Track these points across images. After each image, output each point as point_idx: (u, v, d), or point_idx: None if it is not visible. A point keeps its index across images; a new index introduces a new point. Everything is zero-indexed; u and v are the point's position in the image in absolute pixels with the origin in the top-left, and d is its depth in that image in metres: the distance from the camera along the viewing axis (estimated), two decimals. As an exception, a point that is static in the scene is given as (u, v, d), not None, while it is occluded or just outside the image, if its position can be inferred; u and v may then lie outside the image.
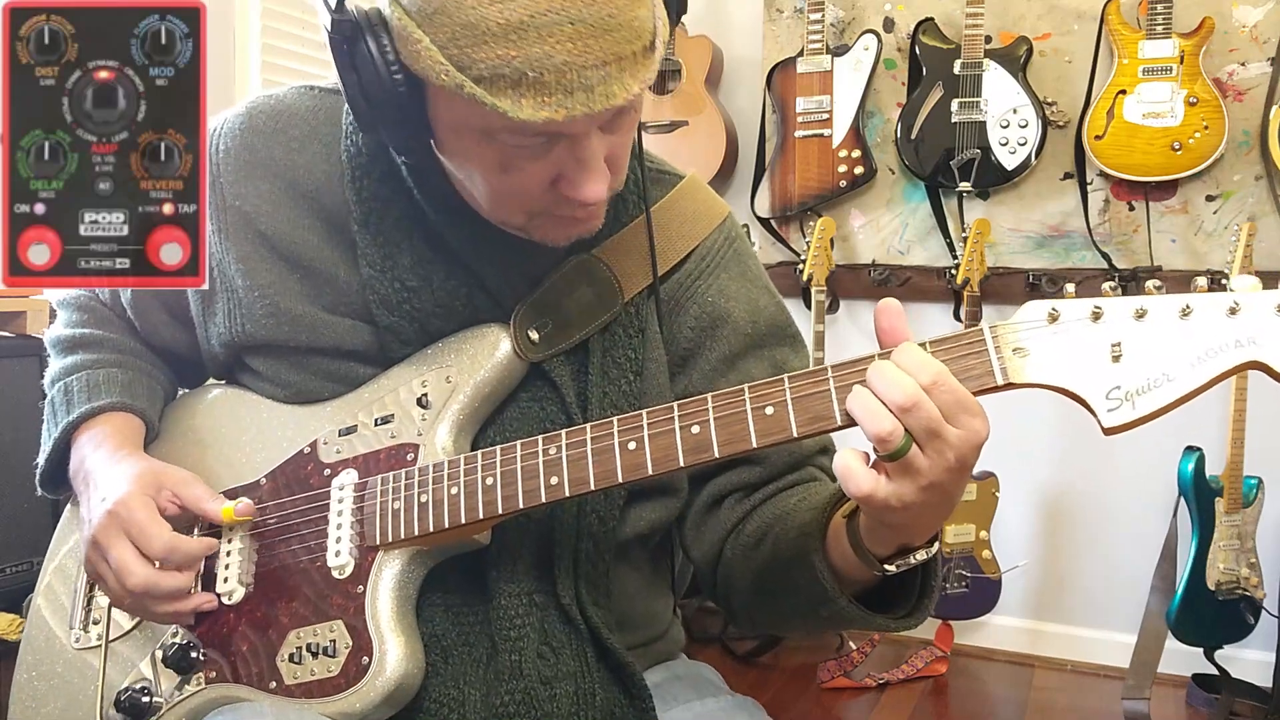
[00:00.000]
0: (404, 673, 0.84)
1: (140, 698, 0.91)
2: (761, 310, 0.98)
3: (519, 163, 0.79)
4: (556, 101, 0.72)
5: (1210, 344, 0.68)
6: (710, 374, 0.96)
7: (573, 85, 0.71)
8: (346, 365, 0.95)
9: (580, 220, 0.85)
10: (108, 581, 0.89)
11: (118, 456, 0.93)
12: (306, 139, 0.95)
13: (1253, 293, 0.68)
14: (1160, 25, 2.42)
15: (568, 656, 0.89)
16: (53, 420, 1.00)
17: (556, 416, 0.91)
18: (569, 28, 0.70)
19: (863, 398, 0.71)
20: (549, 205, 0.83)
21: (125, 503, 0.87)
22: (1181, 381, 0.68)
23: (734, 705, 0.99)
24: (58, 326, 1.07)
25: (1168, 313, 0.69)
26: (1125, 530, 2.64)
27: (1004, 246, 2.68)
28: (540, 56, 0.70)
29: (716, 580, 0.97)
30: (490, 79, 0.71)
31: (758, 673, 2.59)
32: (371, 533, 0.88)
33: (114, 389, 1.00)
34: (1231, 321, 0.68)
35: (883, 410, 0.69)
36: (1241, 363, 0.68)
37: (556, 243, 0.87)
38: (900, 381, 0.69)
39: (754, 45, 2.87)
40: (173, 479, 0.91)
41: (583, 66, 0.71)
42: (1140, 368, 0.69)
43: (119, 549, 0.87)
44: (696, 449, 0.78)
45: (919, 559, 0.78)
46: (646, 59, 0.75)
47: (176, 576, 0.88)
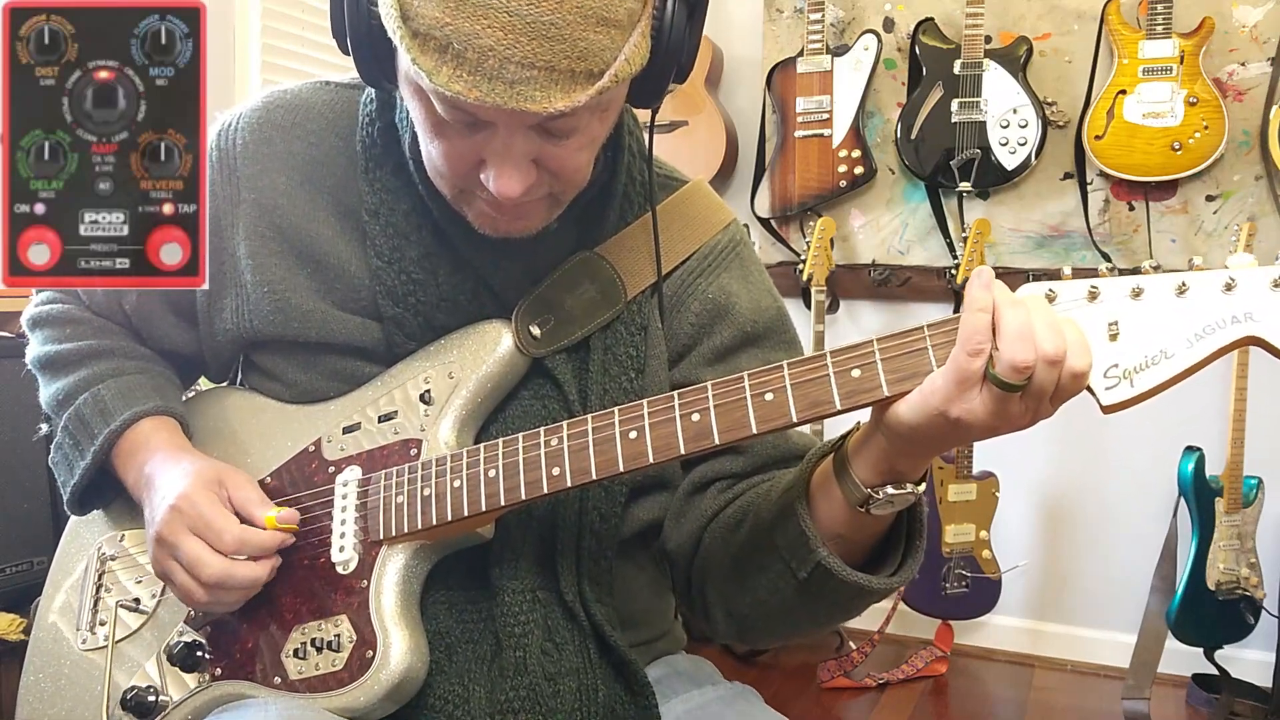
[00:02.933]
0: (408, 667, 0.84)
1: (147, 696, 0.92)
2: (764, 310, 0.99)
3: (447, 133, 0.79)
4: (472, 81, 0.72)
5: (1207, 320, 0.69)
6: (708, 360, 0.96)
7: (491, 72, 0.71)
8: (352, 364, 0.95)
9: (506, 213, 0.84)
10: (176, 577, 0.88)
11: (177, 457, 0.93)
12: (323, 133, 0.95)
13: (1249, 269, 0.68)
14: (1160, 25, 2.42)
15: (571, 653, 0.90)
16: (84, 432, 0.97)
17: (558, 413, 0.92)
18: (504, 17, 0.70)
19: (1020, 320, 0.69)
20: (472, 186, 0.83)
21: (188, 497, 0.87)
22: (1179, 358, 0.69)
23: (731, 693, 0.99)
24: (44, 345, 1.03)
25: (1164, 291, 0.70)
26: (1125, 530, 2.64)
27: (1004, 246, 2.68)
28: (469, 33, 0.70)
29: (692, 573, 0.97)
30: (424, 36, 0.72)
31: (758, 672, 2.59)
32: (375, 528, 0.89)
33: (149, 394, 0.98)
34: (1228, 298, 0.68)
35: (1032, 345, 0.68)
36: (1239, 338, 0.68)
37: (485, 231, 0.87)
38: (1055, 337, 0.69)
39: (754, 45, 2.87)
40: (231, 478, 0.91)
41: (506, 59, 0.71)
42: (1138, 346, 0.69)
43: (189, 544, 0.86)
44: (697, 436, 0.79)
45: (911, 489, 0.77)
46: (585, 83, 0.74)
47: (252, 566, 0.87)
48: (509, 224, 0.86)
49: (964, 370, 0.70)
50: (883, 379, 0.74)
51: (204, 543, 0.86)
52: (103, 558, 1.00)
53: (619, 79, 0.75)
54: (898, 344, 0.74)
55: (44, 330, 1.05)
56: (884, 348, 0.74)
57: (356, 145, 0.94)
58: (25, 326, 1.07)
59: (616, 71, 0.75)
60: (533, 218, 0.86)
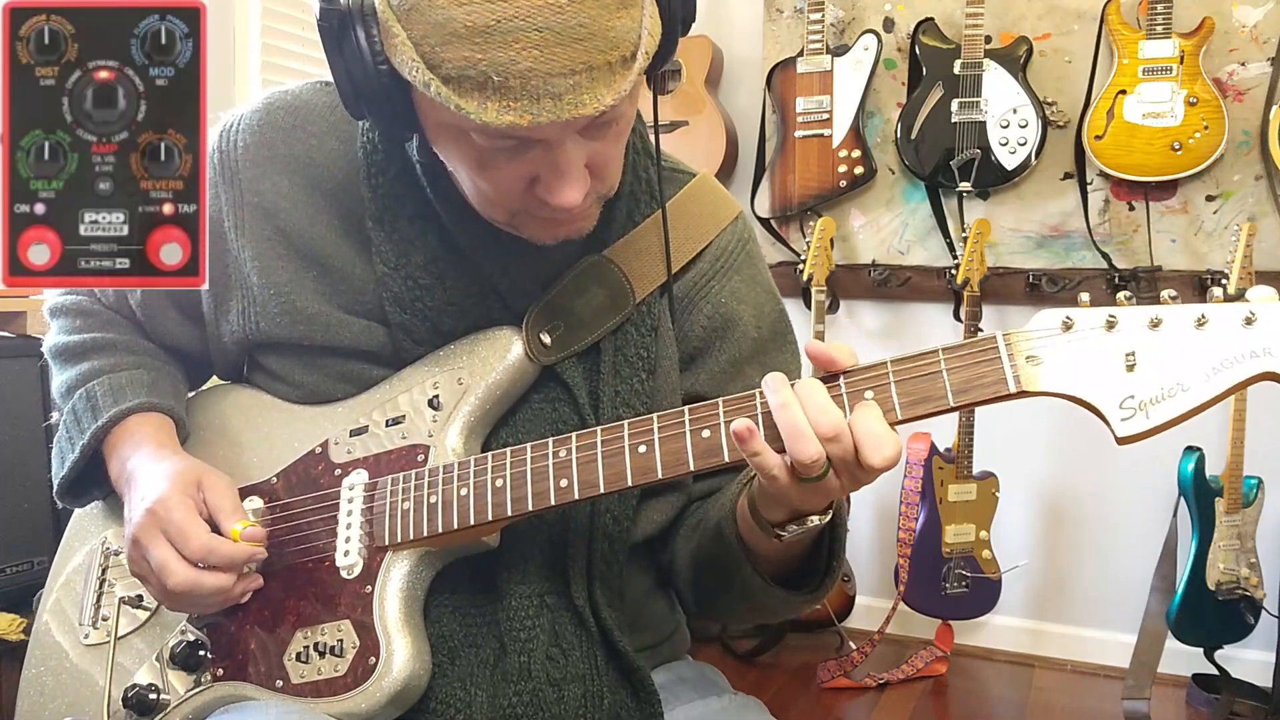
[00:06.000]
0: (410, 673, 0.84)
1: (147, 694, 0.92)
2: (765, 316, 1.00)
3: (496, 162, 0.79)
4: (522, 107, 0.71)
5: (1226, 354, 0.68)
6: (719, 375, 0.97)
7: (538, 92, 0.71)
8: (359, 366, 0.95)
9: (564, 222, 0.85)
10: (150, 580, 0.89)
11: (159, 455, 0.93)
12: (325, 135, 0.95)
13: (1269, 303, 0.68)
14: (1160, 25, 2.42)
15: (577, 659, 0.89)
16: (76, 427, 0.97)
17: (569, 417, 0.91)
18: (535, 34, 0.69)
19: (792, 420, 0.73)
20: (528, 206, 0.82)
21: (164, 502, 0.87)
22: (1196, 391, 0.68)
23: (738, 705, 0.99)
24: (57, 335, 1.05)
25: (1183, 323, 0.69)
26: (1125, 530, 2.64)
27: (1004, 246, 2.68)
28: (505, 62, 0.69)
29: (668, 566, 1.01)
30: (458, 79, 0.71)
31: (758, 672, 2.59)
32: (381, 533, 0.88)
33: (140, 390, 0.98)
34: (1248, 332, 0.68)
35: (810, 438, 0.72)
36: (1258, 373, 0.68)
37: (543, 241, 0.87)
38: (826, 416, 0.73)
39: (754, 45, 2.87)
40: (209, 482, 0.91)
41: (548, 74, 0.70)
42: (1155, 377, 0.69)
43: (159, 549, 0.86)
44: (707, 453, 0.79)
45: (814, 523, 0.81)
46: (624, 69, 0.74)
47: (219, 576, 0.87)
48: (568, 229, 0.86)
49: (775, 486, 0.75)
50: (896, 403, 0.74)
51: (174, 549, 0.86)
52: (107, 552, 1.00)
53: (649, 54, 0.75)
54: (912, 366, 0.75)
55: (60, 320, 1.06)
56: (898, 370, 0.75)
57: (358, 150, 0.93)
58: (46, 315, 1.09)
59: (645, 48, 0.75)
60: (589, 215, 0.87)
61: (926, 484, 2.51)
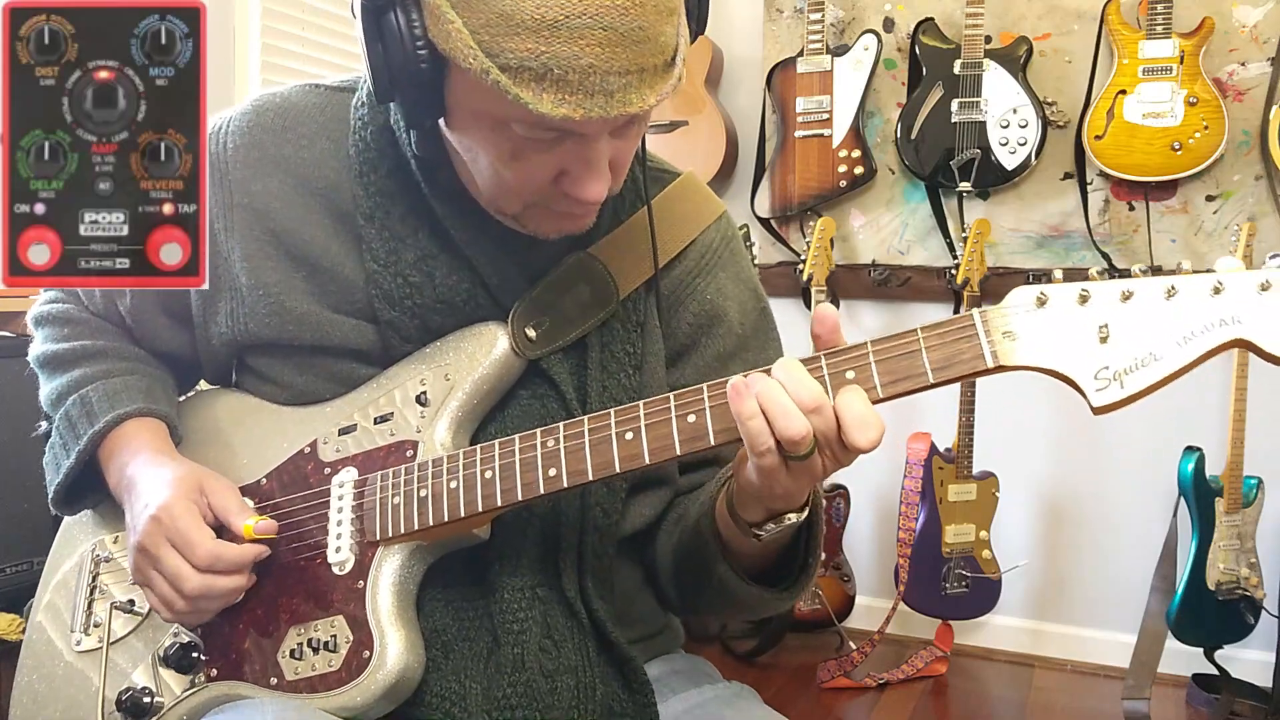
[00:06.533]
0: (404, 666, 0.84)
1: (141, 697, 0.91)
2: (750, 312, 1.02)
3: (527, 154, 0.80)
4: (576, 101, 0.73)
5: (1196, 323, 0.70)
6: (704, 371, 0.98)
7: (594, 88, 0.73)
8: (348, 366, 0.95)
9: (574, 217, 0.87)
10: (157, 588, 0.89)
11: (158, 461, 0.93)
12: (315, 135, 0.95)
13: (1235, 273, 0.69)
14: (1160, 25, 2.42)
15: (569, 650, 0.90)
16: (70, 433, 0.97)
17: (556, 413, 0.92)
18: (600, 33, 0.72)
19: (776, 400, 0.74)
20: (548, 199, 0.84)
21: (168, 508, 0.88)
22: (1168, 360, 0.70)
23: (731, 693, 1.00)
24: (44, 344, 1.04)
25: (1153, 294, 0.71)
26: (1125, 530, 2.64)
27: (1004, 246, 2.68)
28: (569, 56, 0.72)
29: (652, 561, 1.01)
30: (516, 69, 0.73)
31: (757, 672, 2.59)
32: (371, 528, 0.89)
33: (136, 395, 0.98)
34: (1216, 301, 0.69)
35: (796, 414, 0.73)
36: (1227, 340, 0.69)
37: (547, 235, 0.89)
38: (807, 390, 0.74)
39: (754, 45, 2.87)
40: (211, 485, 0.91)
41: (606, 72, 0.73)
42: (1128, 348, 0.70)
43: (170, 558, 0.87)
44: (693, 437, 0.80)
45: (791, 521, 0.82)
46: (666, 73, 0.77)
47: (232, 578, 0.88)
48: (575, 224, 0.88)
49: (764, 466, 0.75)
50: (877, 381, 0.75)
51: (183, 556, 0.87)
52: (96, 559, 1.00)
53: (684, 59, 0.79)
54: (891, 346, 0.75)
55: (45, 329, 1.06)
56: (878, 350, 0.75)
57: (349, 149, 0.93)
58: (30, 324, 1.08)
59: (682, 53, 0.79)
60: (594, 212, 0.89)
61: (926, 484, 2.51)
